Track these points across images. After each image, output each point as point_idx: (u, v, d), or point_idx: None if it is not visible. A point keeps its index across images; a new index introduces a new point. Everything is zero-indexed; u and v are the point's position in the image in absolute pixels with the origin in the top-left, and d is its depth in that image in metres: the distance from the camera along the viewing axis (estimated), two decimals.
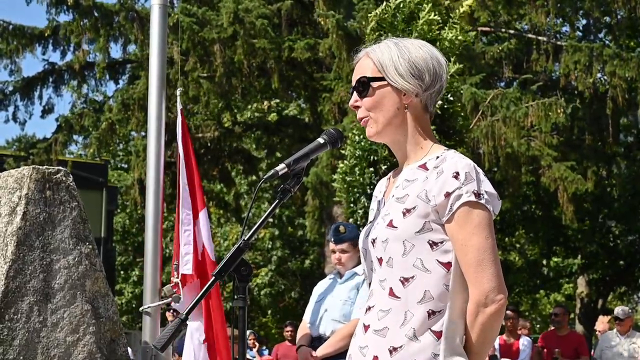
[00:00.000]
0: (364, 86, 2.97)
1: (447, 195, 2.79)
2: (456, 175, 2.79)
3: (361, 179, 10.35)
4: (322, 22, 16.65)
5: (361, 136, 10.39)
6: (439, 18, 9.98)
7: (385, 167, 10.20)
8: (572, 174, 16.81)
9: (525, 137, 16.70)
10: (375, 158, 10.30)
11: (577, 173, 17.23)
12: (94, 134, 19.41)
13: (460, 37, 10.08)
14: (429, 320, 2.79)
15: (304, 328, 6.93)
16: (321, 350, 6.60)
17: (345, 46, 16.10)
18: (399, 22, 10.04)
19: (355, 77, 3.01)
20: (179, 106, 6.59)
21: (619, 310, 12.02)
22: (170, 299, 6.01)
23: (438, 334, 2.78)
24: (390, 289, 2.87)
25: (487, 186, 2.82)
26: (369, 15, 10.71)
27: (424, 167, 2.90)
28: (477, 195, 2.78)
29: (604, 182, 23.86)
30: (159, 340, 2.86)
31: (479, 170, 2.83)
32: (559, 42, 19.21)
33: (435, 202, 2.81)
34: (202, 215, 6.57)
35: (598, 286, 27.23)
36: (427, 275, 2.81)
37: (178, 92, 6.79)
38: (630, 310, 12.05)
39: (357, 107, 3.01)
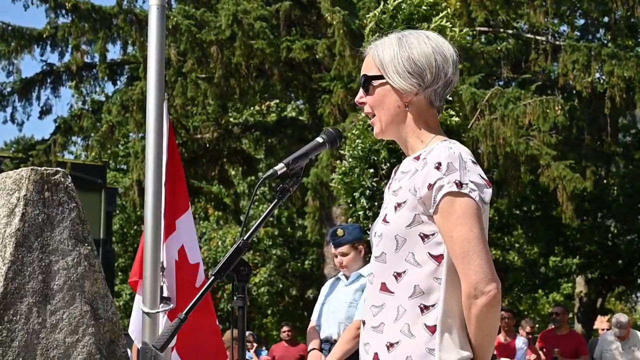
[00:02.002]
0: (366, 84, 2.96)
1: (430, 187, 2.76)
2: (438, 166, 2.76)
3: (360, 179, 10.34)
4: (329, 18, 16.58)
5: (361, 137, 10.37)
6: (450, 24, 9.98)
7: (387, 167, 10.19)
8: (571, 172, 16.81)
9: (524, 137, 16.70)
10: (376, 159, 10.29)
11: (575, 172, 17.24)
12: (95, 136, 19.42)
13: (456, 37, 10.07)
14: (422, 315, 2.77)
15: (312, 330, 6.91)
16: (330, 358, 6.58)
17: (349, 44, 16.10)
18: (398, 23, 10.02)
19: (361, 74, 3.01)
20: (165, 111, 6.53)
21: (617, 320, 12.01)
22: (162, 308, 6.00)
23: (432, 329, 2.76)
24: (383, 284, 2.85)
25: (472, 176, 2.77)
26: (367, 16, 10.71)
27: (417, 158, 2.88)
28: (459, 185, 2.73)
29: (602, 181, 23.87)
30: (158, 340, 2.86)
31: (466, 159, 2.78)
32: (557, 42, 19.22)
33: (420, 195, 2.78)
34: (185, 217, 6.55)
35: (597, 286, 27.23)
36: (417, 269, 2.79)
37: (165, 97, 6.74)
38: (627, 321, 12.03)
39: (363, 104, 3.01)
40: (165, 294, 6.20)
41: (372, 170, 10.33)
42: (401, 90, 2.90)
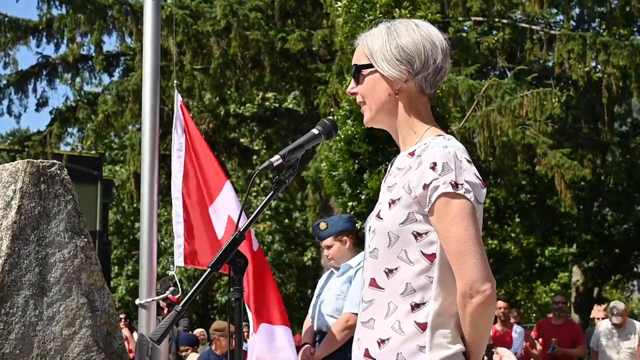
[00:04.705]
0: (357, 74, 2.96)
1: (425, 187, 2.75)
2: (433, 166, 2.75)
3: (345, 171, 10.42)
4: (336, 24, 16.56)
5: (342, 128, 10.47)
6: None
7: (368, 156, 10.26)
8: (569, 160, 16.82)
9: (520, 126, 16.69)
10: (357, 147, 10.38)
11: (573, 161, 17.26)
12: (90, 126, 19.42)
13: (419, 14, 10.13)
14: (413, 312, 2.78)
15: (307, 322, 6.92)
16: (319, 352, 6.58)
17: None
18: (374, 13, 10.12)
19: (352, 64, 3.01)
20: (178, 97, 6.51)
21: (613, 308, 12.03)
22: (167, 292, 6.00)
23: (422, 326, 2.77)
24: (373, 279, 2.86)
25: (468, 175, 2.77)
26: (337, 5, 10.78)
27: (412, 154, 2.87)
28: (455, 185, 2.73)
29: (599, 170, 23.88)
30: (155, 332, 2.86)
31: (461, 158, 2.78)
32: (552, 31, 19.21)
33: (415, 194, 2.78)
34: (224, 192, 6.47)
35: (593, 275, 27.26)
36: (410, 267, 2.79)
37: (175, 85, 6.71)
38: (623, 308, 12.06)
39: (355, 94, 3.01)
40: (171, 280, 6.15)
41: (354, 162, 10.42)
42: (390, 77, 2.89)
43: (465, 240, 2.72)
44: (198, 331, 14.09)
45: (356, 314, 5.94)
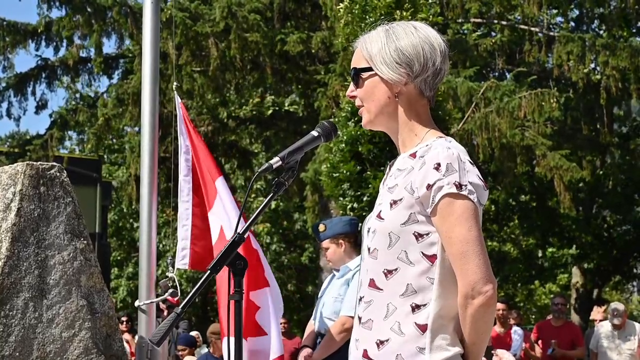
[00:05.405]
0: (356, 77, 2.96)
1: (429, 187, 2.76)
2: (437, 167, 2.76)
3: (348, 172, 10.42)
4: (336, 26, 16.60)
5: (343, 130, 10.48)
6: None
7: (371, 157, 10.26)
8: (568, 162, 16.82)
9: (519, 127, 16.69)
10: (362, 147, 10.38)
11: (572, 162, 17.26)
12: (91, 129, 19.43)
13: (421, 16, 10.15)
14: (413, 314, 2.77)
15: (310, 325, 6.91)
16: (316, 354, 6.56)
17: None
18: (375, 14, 10.14)
19: (351, 67, 3.01)
20: (178, 100, 6.51)
21: (613, 309, 12.03)
22: (166, 294, 6.00)
23: (423, 327, 2.76)
24: (372, 280, 2.86)
25: (471, 177, 2.77)
26: (338, 7, 10.79)
27: (413, 155, 2.87)
28: (459, 186, 2.74)
29: (598, 172, 23.88)
30: (154, 334, 2.86)
31: (464, 159, 2.79)
32: (551, 33, 19.22)
33: (418, 194, 2.78)
34: (219, 195, 6.45)
35: (593, 276, 27.25)
36: (410, 268, 2.79)
37: (174, 87, 6.71)
38: (623, 309, 12.05)
39: (354, 97, 3.01)
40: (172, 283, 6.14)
41: (356, 163, 10.42)
42: (390, 80, 2.89)
43: (468, 240, 2.73)
44: (193, 334, 14.09)
45: (353, 317, 5.93)
